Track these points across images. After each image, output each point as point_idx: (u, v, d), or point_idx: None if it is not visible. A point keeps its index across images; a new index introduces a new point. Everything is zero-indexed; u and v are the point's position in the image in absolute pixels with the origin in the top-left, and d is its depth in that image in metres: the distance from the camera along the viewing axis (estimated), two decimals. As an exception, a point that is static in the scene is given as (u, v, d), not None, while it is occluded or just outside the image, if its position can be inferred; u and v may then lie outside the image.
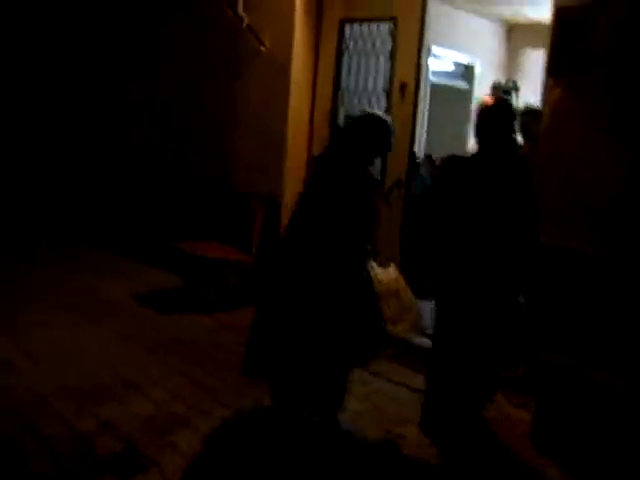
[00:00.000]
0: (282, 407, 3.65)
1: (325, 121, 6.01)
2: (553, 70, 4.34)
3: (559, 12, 4.27)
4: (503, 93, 9.03)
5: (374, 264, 4.06)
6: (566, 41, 4.25)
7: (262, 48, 5.96)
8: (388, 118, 3.66)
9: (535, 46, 9.11)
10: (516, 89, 9.26)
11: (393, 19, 5.45)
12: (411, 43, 5.37)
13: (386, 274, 4.95)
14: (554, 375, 3.75)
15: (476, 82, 8.68)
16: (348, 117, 5.02)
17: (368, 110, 3.94)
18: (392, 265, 5.09)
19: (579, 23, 4.18)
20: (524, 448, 3.72)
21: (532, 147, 6.32)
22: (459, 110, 8.64)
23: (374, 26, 5.63)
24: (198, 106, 6.83)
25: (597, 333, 4.08)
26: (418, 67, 5.39)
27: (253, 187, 6.17)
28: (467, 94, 8.73)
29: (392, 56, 5.53)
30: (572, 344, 4.14)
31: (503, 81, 9.06)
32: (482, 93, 8.73)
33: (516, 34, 8.99)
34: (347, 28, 5.80)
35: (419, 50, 5.35)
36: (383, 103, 5.63)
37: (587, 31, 4.13)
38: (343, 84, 5.92)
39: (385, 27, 5.55)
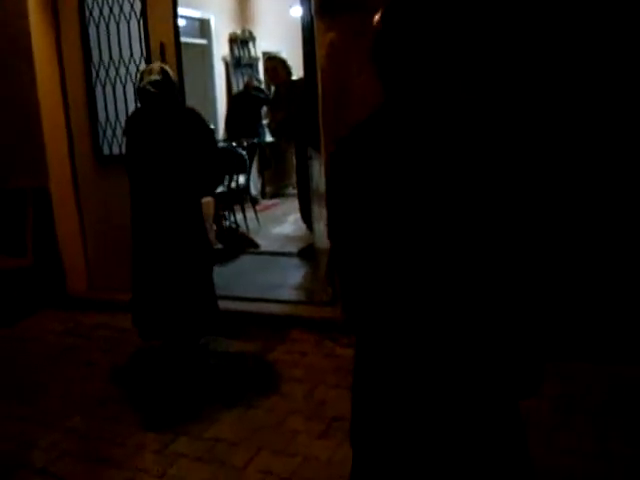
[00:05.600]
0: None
1: (81, 99, 5.52)
2: (324, 12, 4.37)
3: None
4: (240, 44, 9.07)
5: None
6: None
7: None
8: None
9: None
10: (253, 39, 9.34)
11: (139, -22, 5.08)
12: (164, 0, 5.06)
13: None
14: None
15: (214, 36, 8.58)
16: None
17: None
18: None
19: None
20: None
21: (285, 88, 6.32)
22: (199, 66, 8.52)
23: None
24: None
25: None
26: (175, 25, 5.12)
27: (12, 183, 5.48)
28: (205, 49, 8.63)
29: (144, 18, 5.17)
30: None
31: (239, 32, 9.07)
32: (221, 46, 8.67)
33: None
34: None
35: (174, 6, 5.07)
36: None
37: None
38: (95, 58, 5.43)
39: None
